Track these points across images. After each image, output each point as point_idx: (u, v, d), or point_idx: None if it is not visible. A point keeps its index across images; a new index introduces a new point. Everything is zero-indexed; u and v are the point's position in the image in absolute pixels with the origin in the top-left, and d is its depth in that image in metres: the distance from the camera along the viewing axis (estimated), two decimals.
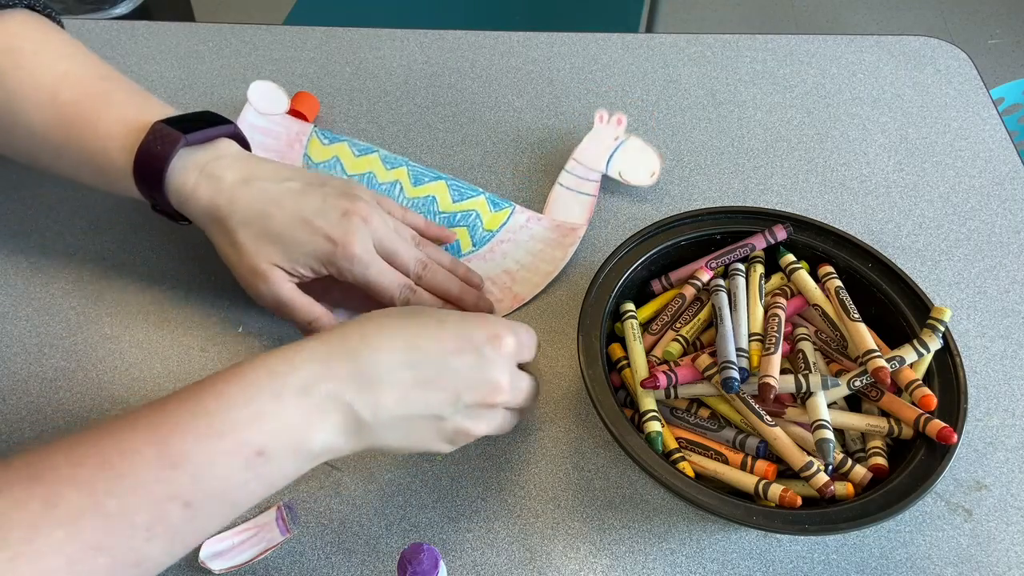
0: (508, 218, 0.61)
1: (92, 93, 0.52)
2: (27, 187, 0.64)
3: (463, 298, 0.54)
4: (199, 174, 0.50)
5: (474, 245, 0.60)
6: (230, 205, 0.49)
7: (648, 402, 0.48)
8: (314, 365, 0.39)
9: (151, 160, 0.49)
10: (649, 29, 1.31)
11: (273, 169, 0.52)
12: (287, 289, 0.50)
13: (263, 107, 0.63)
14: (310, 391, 0.39)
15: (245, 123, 0.62)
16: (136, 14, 1.21)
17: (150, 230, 0.62)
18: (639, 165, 0.63)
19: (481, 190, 0.62)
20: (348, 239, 0.49)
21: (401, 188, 0.61)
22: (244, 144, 0.55)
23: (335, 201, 0.50)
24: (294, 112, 0.68)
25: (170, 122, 0.50)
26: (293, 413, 0.38)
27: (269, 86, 0.64)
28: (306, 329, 0.52)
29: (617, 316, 0.53)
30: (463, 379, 0.42)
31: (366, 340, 0.41)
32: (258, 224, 0.49)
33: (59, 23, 0.58)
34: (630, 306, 0.52)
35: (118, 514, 0.34)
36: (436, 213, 0.60)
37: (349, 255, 0.49)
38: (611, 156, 0.64)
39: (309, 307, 0.51)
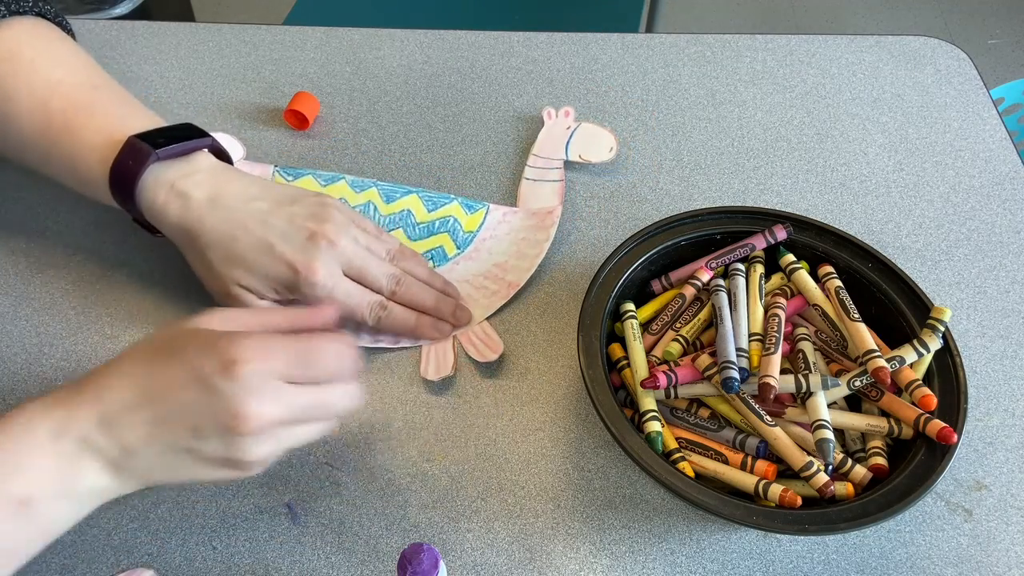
0: (484, 217, 0.62)
1: (81, 103, 0.52)
2: (27, 187, 0.64)
3: (440, 308, 0.55)
4: (169, 191, 0.50)
5: (458, 248, 0.60)
6: (199, 225, 0.50)
7: (648, 402, 0.48)
8: (61, 410, 0.39)
9: (124, 174, 0.50)
10: (649, 29, 1.31)
11: (243, 187, 0.52)
12: (258, 304, 0.51)
13: None
14: (60, 437, 0.38)
15: None
16: (136, 14, 1.21)
17: None
18: (596, 145, 0.67)
19: (453, 196, 0.63)
20: (311, 265, 0.49)
21: (375, 208, 0.61)
22: (224, 156, 0.55)
23: (302, 223, 0.50)
24: (294, 112, 0.68)
25: (148, 136, 0.50)
26: (49, 460, 0.38)
27: (224, 137, 0.65)
28: None
29: (617, 316, 0.53)
30: (194, 413, 0.39)
31: (108, 380, 0.40)
32: (224, 247, 0.49)
33: (68, 30, 0.59)
34: (630, 306, 0.52)
35: None
36: (414, 225, 0.61)
37: (311, 282, 0.49)
38: (567, 143, 0.67)
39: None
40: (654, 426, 0.47)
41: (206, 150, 0.53)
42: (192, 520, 0.48)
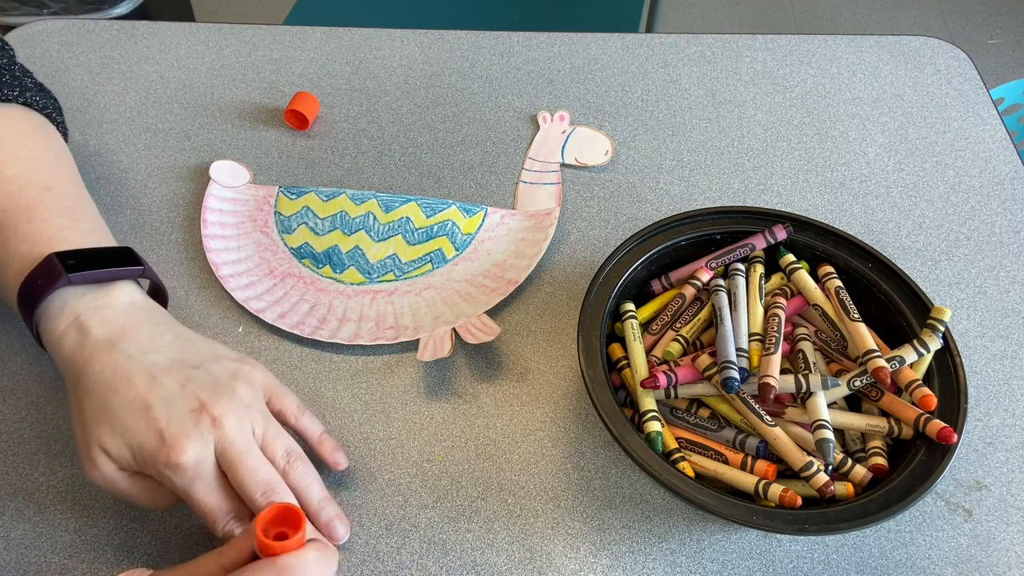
0: (483, 220, 0.62)
1: (24, 205, 0.48)
2: None
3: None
4: (72, 322, 0.45)
5: (457, 249, 0.60)
6: (84, 366, 0.43)
7: (648, 402, 0.48)
8: None
9: (31, 293, 0.44)
10: (649, 29, 1.31)
11: (152, 334, 0.45)
12: (119, 478, 0.43)
13: (226, 181, 0.64)
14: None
15: (212, 197, 0.63)
16: (136, 14, 1.21)
17: (150, 231, 0.62)
18: (591, 148, 0.68)
19: (451, 202, 0.63)
20: (179, 442, 0.41)
21: (374, 218, 0.62)
22: (161, 291, 0.50)
23: (195, 390, 0.43)
24: (294, 112, 0.68)
25: (69, 255, 0.45)
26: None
27: (230, 164, 0.65)
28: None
29: (617, 316, 0.53)
30: None
31: None
32: (101, 398, 0.42)
33: (57, 122, 0.56)
34: (630, 306, 0.52)
35: None
36: (412, 230, 0.61)
37: (173, 462, 0.41)
38: (563, 147, 0.68)
39: (151, 499, 0.44)
40: (654, 426, 0.47)
41: (132, 282, 0.47)
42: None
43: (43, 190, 0.49)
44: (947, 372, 0.48)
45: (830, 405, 0.47)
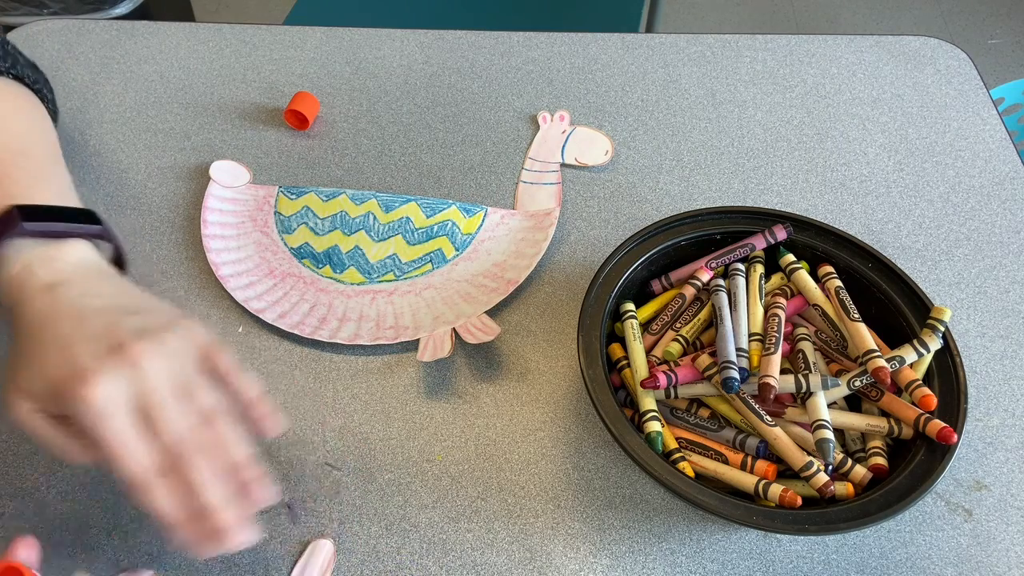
0: (483, 220, 0.62)
1: None
2: None
3: (220, 516, 0.39)
4: (22, 269, 0.43)
5: (457, 249, 0.60)
6: (22, 309, 0.42)
7: (648, 402, 0.48)
8: None
9: None
10: (649, 29, 1.31)
11: (95, 283, 0.44)
12: (36, 420, 0.41)
13: (226, 181, 0.64)
14: None
15: (212, 197, 0.63)
16: (136, 14, 1.21)
17: (150, 231, 0.62)
18: (591, 148, 0.68)
19: (451, 202, 0.63)
20: (94, 377, 0.38)
21: (374, 218, 0.62)
22: (121, 256, 0.49)
23: (120, 332, 0.40)
24: (294, 112, 0.68)
25: (31, 210, 0.45)
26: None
27: (230, 164, 0.65)
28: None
29: (617, 316, 0.53)
30: None
31: None
32: (28, 339, 0.41)
33: (45, 98, 0.57)
34: (630, 306, 0.52)
35: None
36: (413, 231, 0.61)
37: (82, 395, 0.37)
38: (563, 147, 0.68)
39: (69, 447, 0.42)
40: (654, 426, 0.47)
41: (89, 244, 0.46)
42: None
43: (18, 154, 0.49)
44: (947, 372, 0.48)
45: (830, 405, 0.47)
